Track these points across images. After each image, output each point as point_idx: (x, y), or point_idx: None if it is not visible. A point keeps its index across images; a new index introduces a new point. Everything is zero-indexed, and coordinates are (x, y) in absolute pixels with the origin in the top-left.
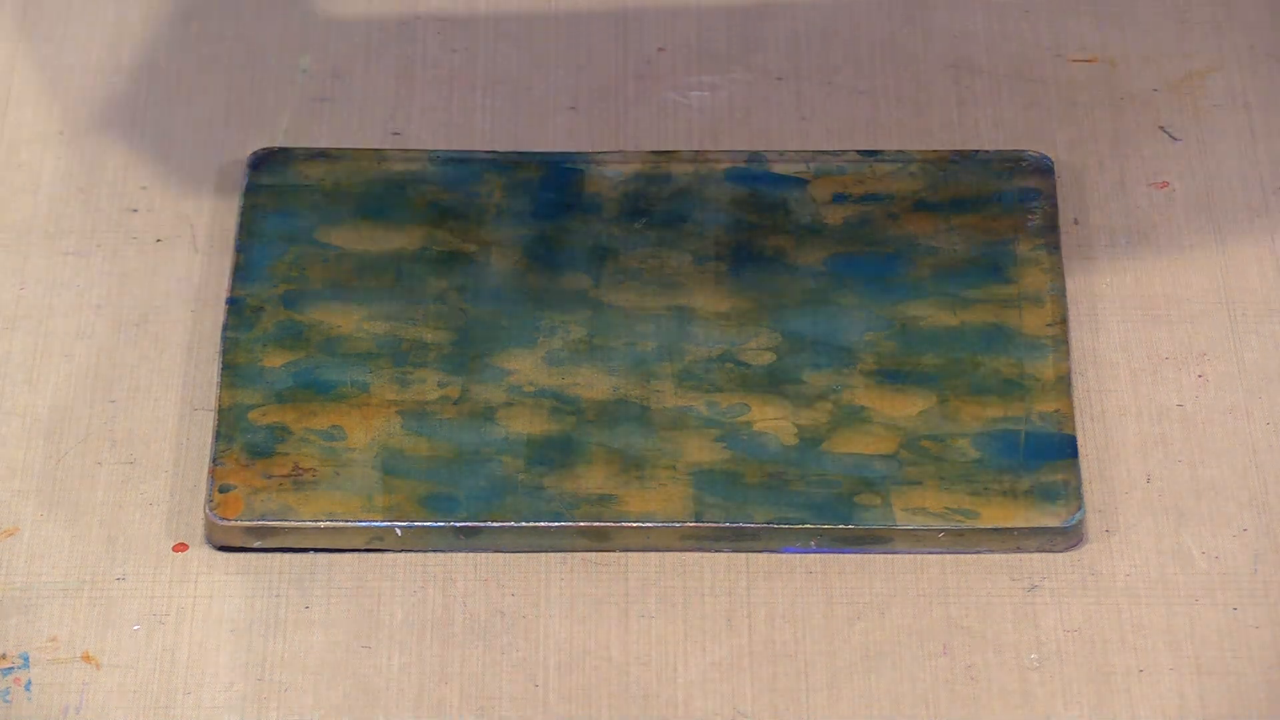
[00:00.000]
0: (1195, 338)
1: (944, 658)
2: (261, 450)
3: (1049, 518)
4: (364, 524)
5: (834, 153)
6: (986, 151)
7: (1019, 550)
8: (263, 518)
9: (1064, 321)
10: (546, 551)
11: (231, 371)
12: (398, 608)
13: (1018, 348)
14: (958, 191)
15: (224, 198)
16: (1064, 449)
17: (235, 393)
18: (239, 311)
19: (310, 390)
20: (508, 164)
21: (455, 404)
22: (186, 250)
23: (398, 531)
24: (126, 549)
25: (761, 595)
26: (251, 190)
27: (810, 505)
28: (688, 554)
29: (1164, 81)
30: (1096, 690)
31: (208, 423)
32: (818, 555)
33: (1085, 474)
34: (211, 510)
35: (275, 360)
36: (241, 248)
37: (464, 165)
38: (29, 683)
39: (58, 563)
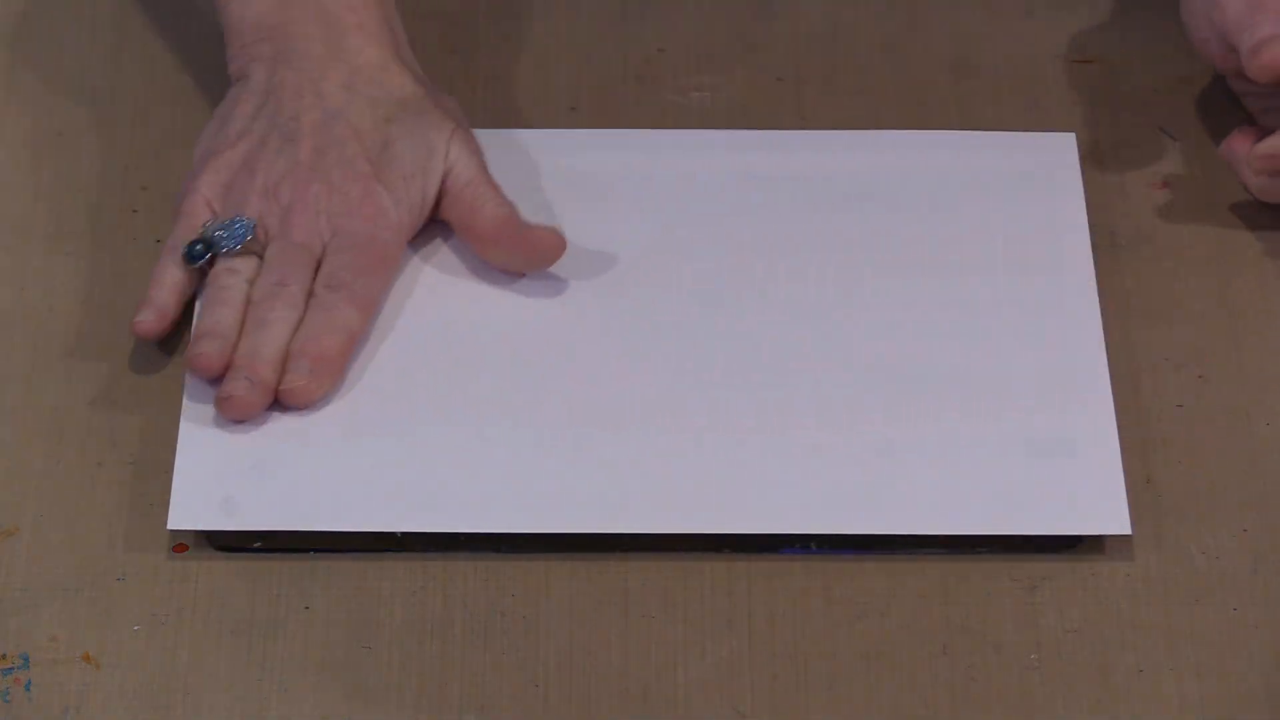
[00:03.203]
0: (1195, 338)
1: (944, 658)
2: None
3: None
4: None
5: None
6: None
7: (1019, 550)
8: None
9: None
10: (547, 553)
11: None
12: (398, 608)
13: None
14: None
15: None
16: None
17: None
18: None
19: None
20: None
21: None
22: None
23: (398, 534)
24: (126, 549)
25: (761, 596)
26: None
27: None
28: (688, 555)
29: (1164, 82)
30: (1096, 690)
31: None
32: (818, 556)
33: None
34: None
35: None
36: None
37: None
38: (29, 683)
39: (58, 563)
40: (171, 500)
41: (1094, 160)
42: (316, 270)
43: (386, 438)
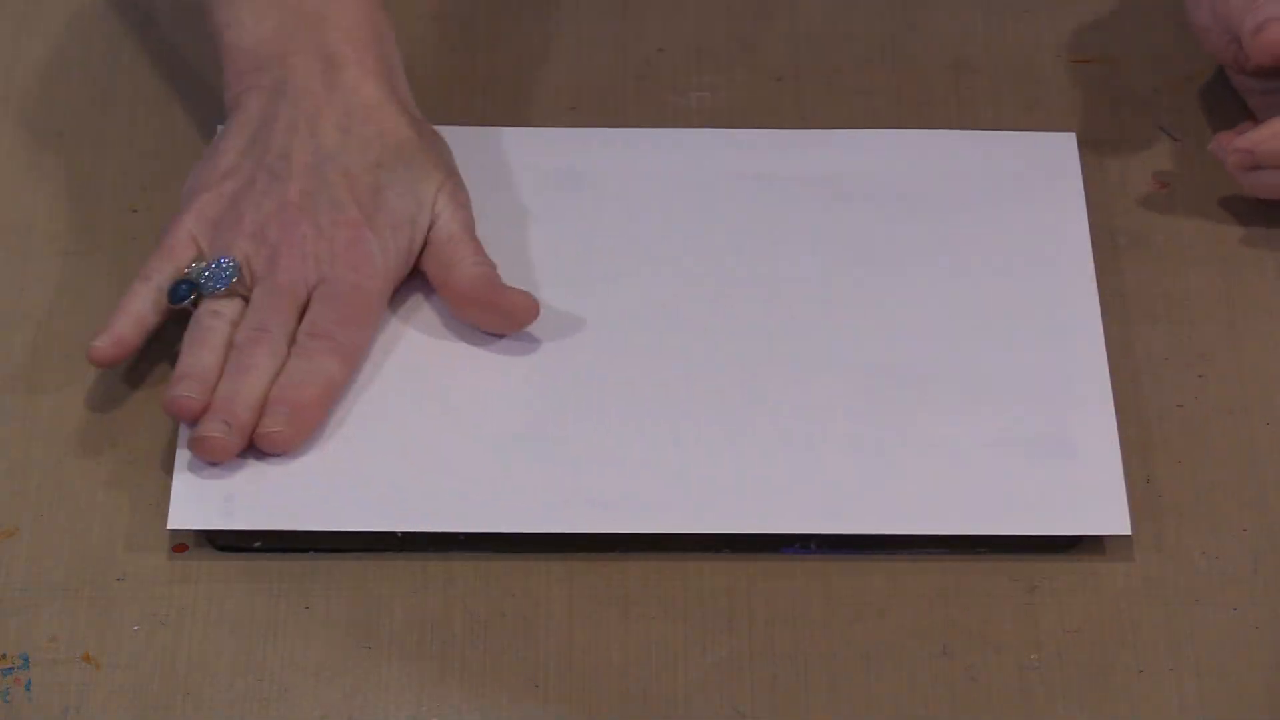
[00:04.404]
0: (1195, 338)
1: (944, 658)
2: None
3: None
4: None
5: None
6: None
7: (1019, 550)
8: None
9: None
10: (547, 553)
11: None
12: (398, 608)
13: None
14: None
15: None
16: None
17: None
18: None
19: None
20: None
21: None
22: None
23: (398, 534)
24: (126, 549)
25: (761, 596)
26: None
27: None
28: (688, 555)
29: (1164, 81)
30: (1096, 690)
31: None
32: (818, 556)
33: None
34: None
35: None
36: None
37: None
38: (29, 683)
39: (58, 563)
40: (171, 500)
41: (1094, 160)
42: (300, 314)
43: (386, 438)
